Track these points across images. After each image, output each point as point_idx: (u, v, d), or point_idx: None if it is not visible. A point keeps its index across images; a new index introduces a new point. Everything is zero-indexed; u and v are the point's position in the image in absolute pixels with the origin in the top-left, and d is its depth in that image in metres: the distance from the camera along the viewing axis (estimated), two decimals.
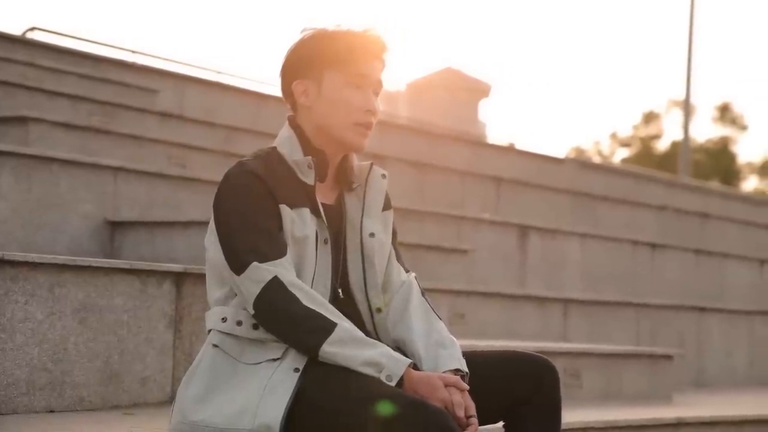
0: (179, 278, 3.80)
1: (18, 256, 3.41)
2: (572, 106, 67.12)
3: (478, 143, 12.30)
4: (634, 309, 6.71)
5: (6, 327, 3.36)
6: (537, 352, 4.65)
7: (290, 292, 2.73)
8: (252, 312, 2.76)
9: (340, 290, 2.90)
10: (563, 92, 69.87)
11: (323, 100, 2.88)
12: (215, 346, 2.82)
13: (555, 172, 12.06)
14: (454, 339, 2.93)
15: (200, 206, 5.38)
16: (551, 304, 6.10)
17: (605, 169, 14.88)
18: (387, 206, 3.03)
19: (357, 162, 2.99)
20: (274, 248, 2.76)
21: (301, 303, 2.72)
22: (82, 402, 3.53)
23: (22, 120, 5.54)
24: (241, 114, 8.79)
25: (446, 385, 2.72)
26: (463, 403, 2.71)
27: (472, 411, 2.72)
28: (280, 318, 2.74)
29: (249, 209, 2.78)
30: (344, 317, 2.77)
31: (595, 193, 10.60)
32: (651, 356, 5.42)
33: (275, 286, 2.72)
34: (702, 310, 7.19)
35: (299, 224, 2.81)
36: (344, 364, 2.70)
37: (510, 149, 13.37)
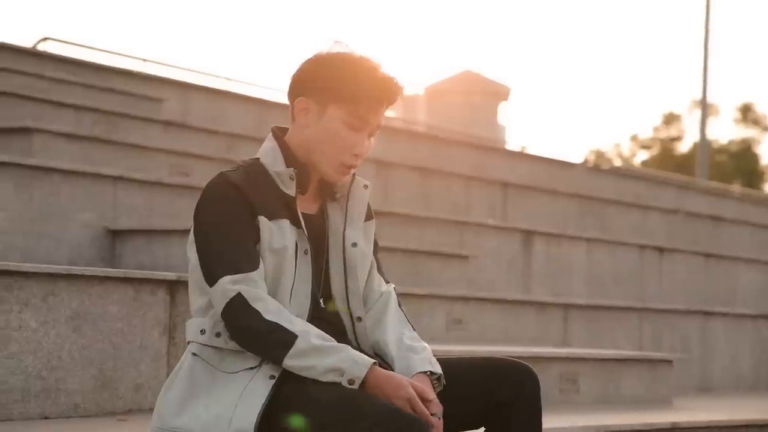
0: (173, 286, 3.85)
1: (11, 265, 3.46)
2: (593, 108, 67.06)
3: (486, 147, 12.30)
4: (637, 314, 6.72)
5: (1, 336, 3.41)
6: (533, 357, 4.75)
7: (252, 307, 2.76)
8: (222, 323, 2.81)
9: (321, 300, 2.94)
10: (584, 94, 69.81)
11: (320, 128, 2.90)
12: (194, 354, 2.87)
13: (565, 176, 12.06)
14: (426, 345, 2.97)
15: None
16: (551, 309, 6.12)
17: (617, 173, 14.86)
18: (369, 216, 3.06)
19: None
20: (246, 261, 2.79)
21: (262, 317, 2.76)
22: (77, 408, 3.58)
23: (25, 131, 5.60)
24: (245, 121, 8.84)
25: (414, 388, 2.75)
26: (425, 412, 2.73)
27: (436, 409, 2.75)
28: (242, 333, 2.78)
29: (224, 221, 2.81)
30: (309, 325, 2.80)
31: (605, 198, 10.59)
32: (650, 361, 5.43)
33: (237, 302, 2.76)
34: (706, 314, 7.19)
35: (278, 235, 2.84)
36: (308, 375, 2.74)
37: (518, 154, 13.37)
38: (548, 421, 4.07)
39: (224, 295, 2.76)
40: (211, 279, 2.80)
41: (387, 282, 3.08)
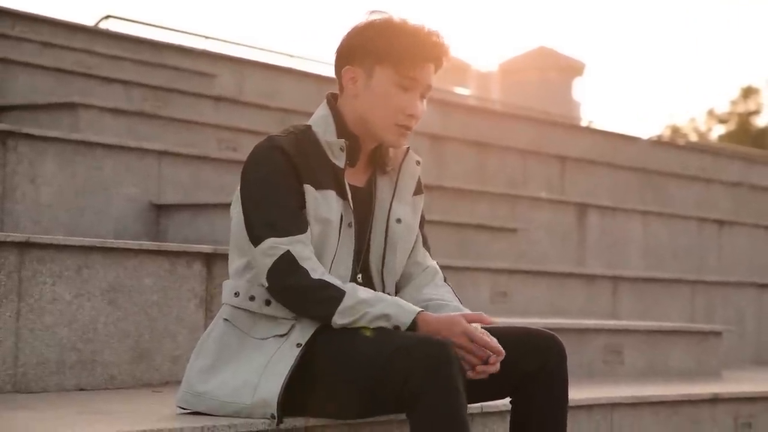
0: (209, 259, 3.86)
1: (45, 238, 3.49)
2: (669, 83, 66.26)
3: (546, 122, 12.16)
4: (689, 286, 6.64)
5: (35, 308, 3.44)
6: (577, 329, 4.71)
7: (301, 266, 2.77)
8: (266, 285, 2.81)
9: (360, 274, 2.94)
10: (660, 68, 68.95)
11: (369, 94, 2.89)
12: (226, 320, 2.89)
13: (627, 150, 11.91)
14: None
15: None
16: (601, 281, 6.06)
17: (680, 147, 14.65)
18: (418, 191, 3.05)
19: None
20: (293, 224, 2.80)
21: (310, 276, 2.77)
22: (113, 380, 3.61)
23: (71, 106, 5.64)
24: (300, 96, 8.82)
25: (469, 321, 2.77)
26: (485, 339, 2.75)
27: (493, 345, 2.75)
28: (290, 291, 2.79)
29: (272, 185, 2.81)
30: (354, 284, 2.82)
31: (666, 171, 10.45)
32: (699, 333, 5.36)
33: (286, 260, 2.77)
34: (761, 286, 7.08)
35: (323, 206, 2.84)
36: (358, 326, 2.75)
37: (579, 128, 13.22)
38: (586, 392, 4.08)
39: (272, 253, 2.76)
40: (255, 240, 2.80)
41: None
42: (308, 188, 2.83)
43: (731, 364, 6.06)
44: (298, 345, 2.79)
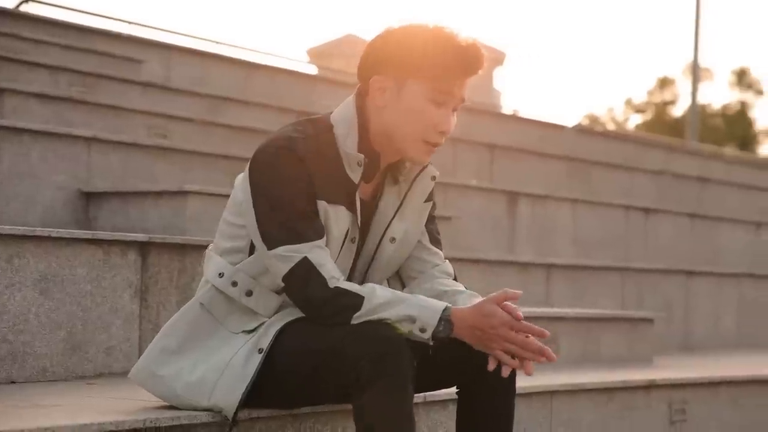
0: (144, 248, 3.79)
1: None
2: (588, 73, 66.96)
3: (474, 110, 12.18)
4: (619, 273, 6.70)
5: None
6: None
7: (319, 273, 2.68)
8: (282, 286, 2.73)
9: None
10: (579, 58, 69.66)
11: (399, 107, 2.75)
12: (202, 305, 2.81)
13: (554, 139, 11.97)
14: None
15: (177, 176, 5.37)
16: (533, 269, 6.08)
17: (605, 135, 14.78)
18: (429, 198, 2.95)
19: None
20: (311, 228, 2.70)
21: (327, 285, 2.68)
22: (45, 373, 3.52)
23: None
24: (228, 82, 8.74)
25: (498, 304, 2.68)
26: (528, 325, 2.71)
27: (536, 329, 2.72)
28: (306, 303, 2.71)
29: (288, 189, 2.70)
30: (373, 285, 2.74)
31: (592, 160, 10.53)
32: (630, 320, 5.41)
33: (304, 267, 2.68)
34: (689, 273, 7.17)
35: (333, 220, 2.75)
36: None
37: (507, 116, 13.27)
38: (524, 380, 4.04)
39: (288, 260, 2.67)
40: (270, 244, 2.70)
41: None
42: (321, 203, 2.73)
43: (660, 350, 6.12)
44: (260, 350, 2.72)
